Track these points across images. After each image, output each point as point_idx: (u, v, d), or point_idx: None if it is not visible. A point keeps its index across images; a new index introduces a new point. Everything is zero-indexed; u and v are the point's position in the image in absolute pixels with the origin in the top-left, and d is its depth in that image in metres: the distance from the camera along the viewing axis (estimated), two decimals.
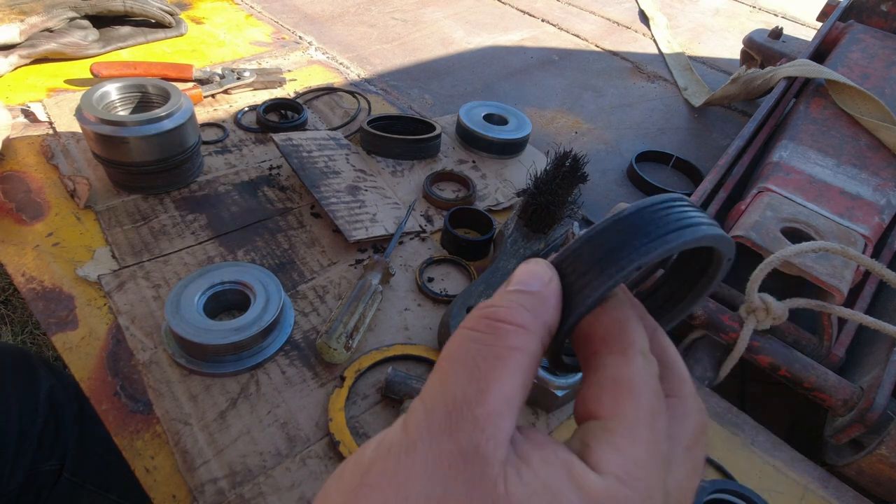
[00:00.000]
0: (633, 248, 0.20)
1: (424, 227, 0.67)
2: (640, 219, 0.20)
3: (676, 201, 0.21)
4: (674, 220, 0.20)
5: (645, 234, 0.20)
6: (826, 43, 0.96)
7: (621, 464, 0.17)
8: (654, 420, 0.18)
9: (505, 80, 1.06)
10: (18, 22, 0.78)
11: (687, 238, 0.20)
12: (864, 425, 0.48)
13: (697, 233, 0.20)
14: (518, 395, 0.18)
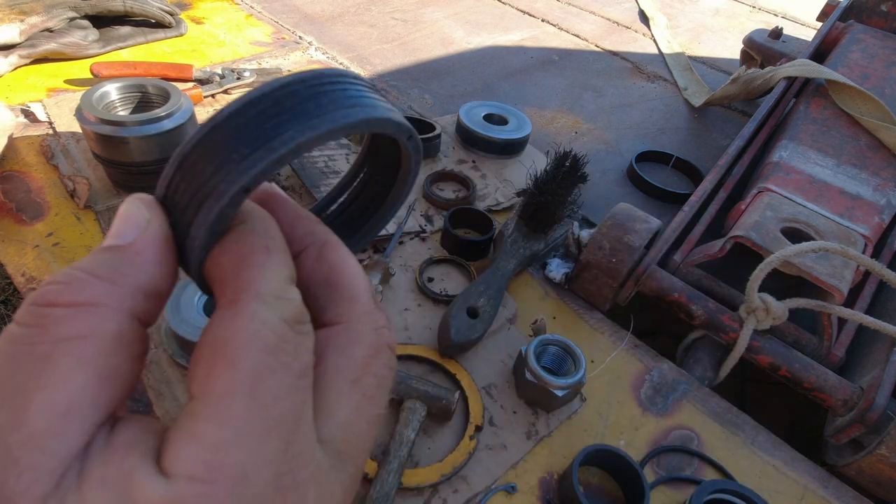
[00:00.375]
0: (243, 156, 0.15)
1: (424, 227, 0.67)
2: (255, 114, 0.16)
3: (309, 79, 0.16)
4: (304, 108, 0.16)
5: (254, 139, 0.15)
6: (826, 43, 0.96)
7: (197, 457, 0.14)
8: (257, 383, 0.14)
9: (505, 80, 1.06)
10: (18, 22, 0.78)
11: (307, 137, 0.15)
12: (864, 425, 0.48)
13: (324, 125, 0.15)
14: (86, 397, 0.14)
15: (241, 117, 0.16)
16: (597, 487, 0.46)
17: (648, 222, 0.58)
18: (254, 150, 0.15)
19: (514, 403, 0.50)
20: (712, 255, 0.58)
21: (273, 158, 0.15)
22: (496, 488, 0.44)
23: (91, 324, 0.14)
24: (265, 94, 0.16)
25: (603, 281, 0.57)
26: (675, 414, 0.52)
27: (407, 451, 0.44)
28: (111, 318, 0.15)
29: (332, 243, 0.20)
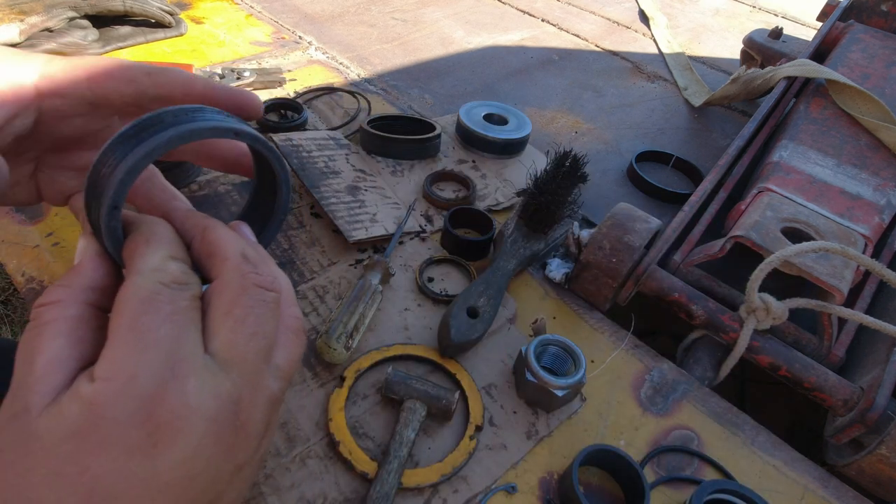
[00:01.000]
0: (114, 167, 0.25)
1: (424, 227, 0.67)
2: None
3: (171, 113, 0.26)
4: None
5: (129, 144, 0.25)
6: (826, 43, 0.96)
7: (104, 368, 0.22)
8: (134, 320, 0.23)
9: (505, 80, 1.06)
10: (18, 22, 0.78)
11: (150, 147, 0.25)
12: (865, 425, 0.48)
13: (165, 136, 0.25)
14: (66, 352, 0.23)
15: (129, 131, 0.25)
16: (597, 487, 0.46)
17: (648, 222, 0.58)
18: (128, 151, 0.25)
19: (514, 403, 0.50)
20: (712, 255, 0.58)
21: (141, 154, 0.24)
22: (496, 488, 0.44)
23: (57, 312, 0.24)
24: (142, 119, 0.25)
25: (603, 281, 0.57)
26: (675, 414, 0.52)
27: (407, 451, 0.44)
28: (70, 307, 0.25)
29: (210, 227, 0.28)
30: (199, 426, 0.22)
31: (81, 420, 0.21)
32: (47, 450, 0.21)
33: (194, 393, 0.22)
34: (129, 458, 0.21)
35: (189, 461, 0.22)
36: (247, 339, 0.25)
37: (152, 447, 0.21)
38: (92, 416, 0.21)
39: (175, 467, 0.22)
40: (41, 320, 0.24)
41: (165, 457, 0.21)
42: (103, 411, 0.21)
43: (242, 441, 0.25)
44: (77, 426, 0.21)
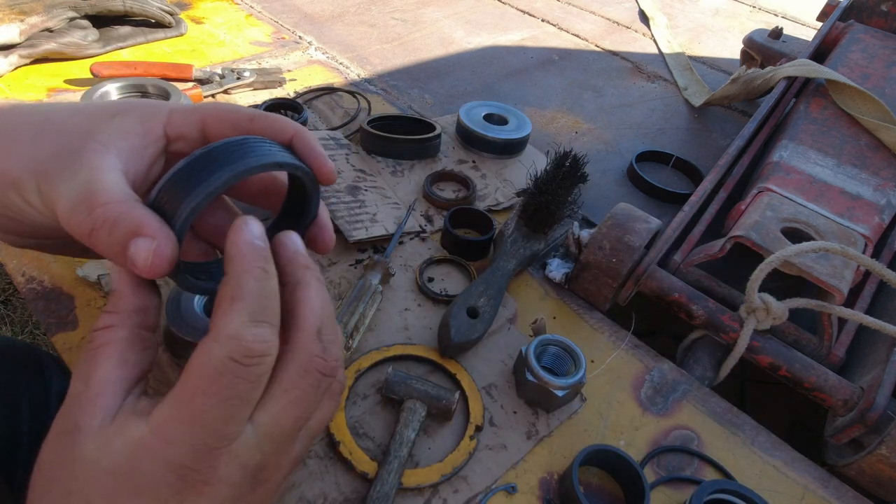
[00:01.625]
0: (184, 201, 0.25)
1: (424, 227, 0.67)
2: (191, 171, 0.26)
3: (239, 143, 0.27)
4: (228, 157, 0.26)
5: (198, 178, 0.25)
6: (826, 43, 0.96)
7: (154, 422, 0.24)
8: (193, 398, 0.24)
9: (505, 80, 1.06)
10: (18, 22, 0.78)
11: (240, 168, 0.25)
12: (865, 425, 0.48)
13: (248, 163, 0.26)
14: (116, 374, 0.25)
15: (191, 164, 0.26)
16: (597, 487, 0.46)
17: (648, 222, 0.58)
18: (198, 184, 0.25)
19: (514, 403, 0.50)
20: (712, 255, 0.58)
21: (209, 191, 0.25)
22: (496, 488, 0.44)
23: (109, 336, 0.26)
24: (204, 152, 0.26)
25: (603, 281, 0.57)
26: (675, 414, 0.52)
27: (407, 451, 0.44)
28: (120, 331, 0.26)
29: (302, 283, 0.28)
30: (223, 490, 0.25)
31: (124, 461, 0.24)
32: (88, 479, 0.24)
33: (224, 465, 0.24)
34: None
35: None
36: (293, 420, 0.26)
37: (178, 503, 0.24)
38: (133, 462, 0.24)
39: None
40: (96, 343, 0.26)
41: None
42: (141, 463, 0.24)
43: (261, 495, 0.27)
44: (119, 465, 0.24)
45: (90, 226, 0.25)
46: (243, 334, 0.24)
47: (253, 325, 0.24)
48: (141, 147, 0.29)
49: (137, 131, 0.30)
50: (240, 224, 0.26)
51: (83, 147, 0.28)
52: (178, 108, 0.32)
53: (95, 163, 0.27)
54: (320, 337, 0.27)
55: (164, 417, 0.24)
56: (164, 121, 0.31)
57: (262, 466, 0.26)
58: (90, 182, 0.26)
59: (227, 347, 0.24)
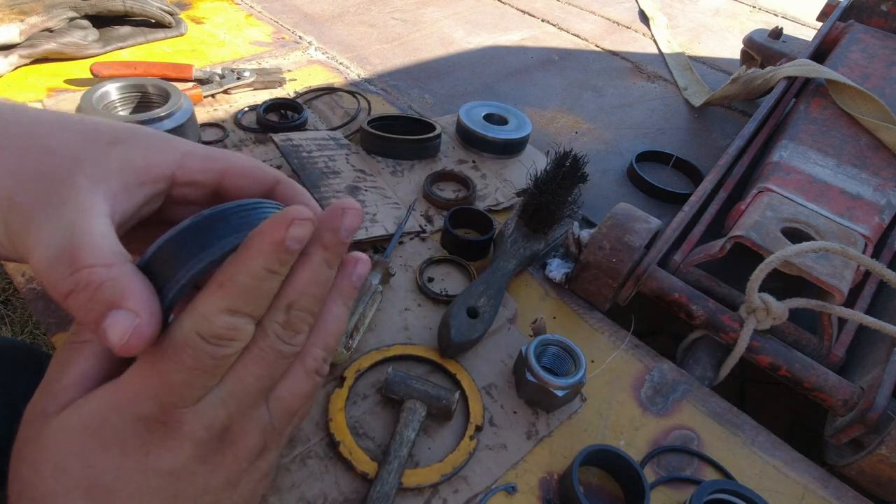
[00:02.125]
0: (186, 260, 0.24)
1: (424, 227, 0.67)
2: (209, 224, 0.24)
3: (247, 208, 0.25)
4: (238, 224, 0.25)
5: (204, 241, 0.24)
6: (826, 43, 0.96)
7: (121, 379, 0.25)
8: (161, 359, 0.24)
9: (505, 80, 1.06)
10: (18, 22, 0.78)
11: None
12: (865, 425, 0.48)
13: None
14: (92, 371, 0.26)
15: (191, 231, 0.24)
16: (597, 487, 0.46)
17: (648, 222, 0.58)
18: (199, 252, 0.24)
19: (514, 403, 0.50)
20: (712, 255, 0.58)
21: (215, 258, 0.24)
22: (496, 488, 0.44)
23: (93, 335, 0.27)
24: (216, 212, 0.25)
25: (603, 281, 0.57)
26: (675, 414, 0.52)
27: (407, 451, 0.44)
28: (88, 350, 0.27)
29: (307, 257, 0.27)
30: (187, 448, 0.25)
31: (92, 419, 0.24)
32: (57, 446, 0.24)
33: (189, 422, 0.25)
34: (125, 459, 0.24)
35: (176, 473, 0.25)
36: (254, 377, 0.26)
37: (144, 454, 0.24)
38: (101, 417, 0.24)
39: (163, 475, 0.25)
40: (79, 338, 0.26)
41: (155, 465, 0.25)
42: (110, 417, 0.24)
43: (230, 461, 0.27)
44: (87, 424, 0.24)
45: (70, 287, 0.23)
46: (214, 318, 0.24)
47: (227, 314, 0.24)
48: (135, 184, 0.27)
49: (138, 166, 0.27)
50: (285, 220, 0.24)
51: (70, 180, 0.25)
52: (196, 151, 0.29)
53: (82, 204, 0.24)
54: (289, 309, 0.27)
55: (132, 375, 0.25)
56: (174, 162, 0.28)
57: (226, 427, 0.26)
58: (74, 233, 0.23)
59: (195, 322, 0.24)
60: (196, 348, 0.24)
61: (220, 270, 0.24)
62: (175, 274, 0.24)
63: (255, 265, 0.24)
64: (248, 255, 0.24)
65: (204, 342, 0.24)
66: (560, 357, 0.51)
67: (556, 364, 0.51)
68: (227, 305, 0.24)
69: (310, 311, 0.27)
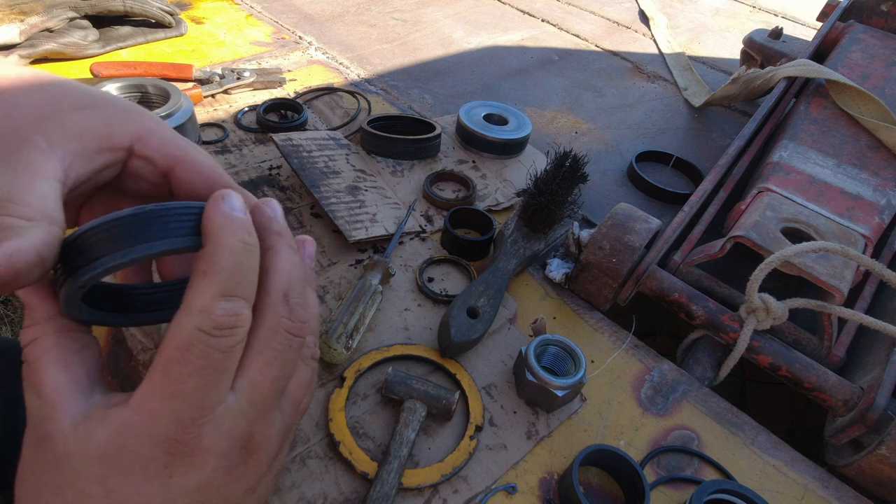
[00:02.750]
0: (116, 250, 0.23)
1: (424, 227, 0.67)
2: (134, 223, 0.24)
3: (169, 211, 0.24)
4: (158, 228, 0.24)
5: (131, 238, 0.23)
6: (826, 43, 0.96)
7: (136, 400, 0.24)
8: (167, 367, 0.24)
9: (505, 80, 1.06)
10: (18, 22, 0.78)
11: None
12: (865, 425, 0.48)
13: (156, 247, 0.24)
14: (64, 379, 0.25)
15: (113, 228, 0.24)
16: (597, 487, 0.46)
17: (648, 222, 0.58)
18: (119, 248, 0.23)
19: (514, 403, 0.50)
20: (712, 255, 0.58)
21: (137, 257, 0.24)
22: (496, 488, 0.44)
23: (38, 348, 0.26)
24: (158, 209, 0.24)
25: (603, 281, 0.57)
26: (676, 414, 0.52)
27: (407, 451, 0.44)
28: (46, 340, 0.26)
29: (273, 249, 0.27)
30: (211, 461, 0.25)
31: (110, 444, 0.24)
32: (77, 471, 0.24)
33: (209, 434, 0.25)
34: (148, 484, 0.24)
35: (202, 488, 0.25)
36: (271, 381, 0.27)
37: (168, 477, 0.24)
38: (119, 442, 0.24)
39: (188, 493, 0.25)
40: (28, 360, 0.26)
41: (179, 484, 0.24)
42: (127, 441, 0.24)
43: (252, 468, 0.27)
44: (104, 450, 0.24)
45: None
46: (212, 308, 0.24)
47: (223, 300, 0.24)
48: (94, 150, 0.27)
49: (98, 132, 0.28)
50: (218, 197, 0.25)
51: (28, 137, 0.25)
52: (159, 131, 0.30)
53: (32, 163, 0.25)
54: (287, 300, 0.27)
55: (145, 393, 0.24)
56: (136, 134, 0.29)
57: (249, 435, 0.26)
58: (12, 188, 0.24)
59: (196, 320, 0.24)
60: (202, 344, 0.24)
61: (197, 261, 0.25)
62: (97, 259, 0.24)
63: (230, 241, 0.25)
64: (218, 236, 0.25)
65: (208, 336, 0.24)
66: (560, 357, 0.51)
67: (556, 364, 0.51)
68: (219, 291, 0.24)
69: (304, 297, 0.28)
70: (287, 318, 0.27)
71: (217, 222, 0.25)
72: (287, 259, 0.28)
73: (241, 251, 0.25)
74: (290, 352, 0.27)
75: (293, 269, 0.28)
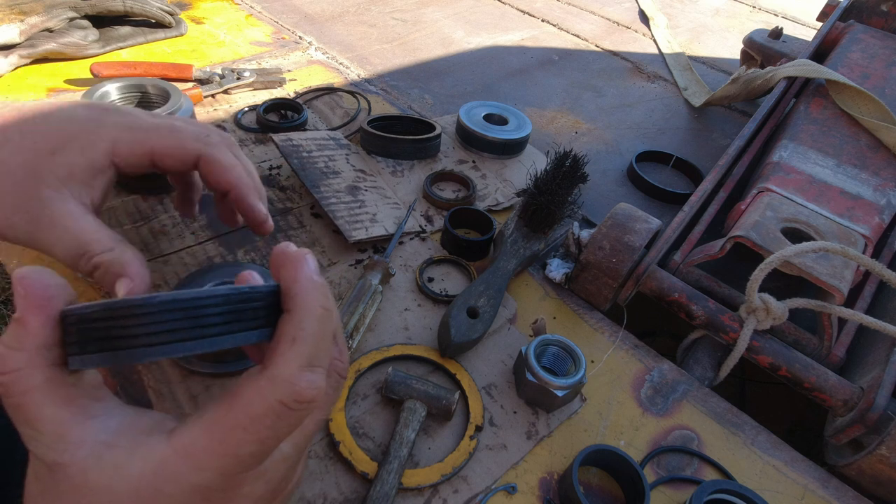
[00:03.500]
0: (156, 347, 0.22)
1: (424, 227, 0.67)
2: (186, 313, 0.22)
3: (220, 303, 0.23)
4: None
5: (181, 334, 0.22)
6: (826, 43, 0.96)
7: (184, 439, 0.23)
8: (230, 433, 0.23)
9: (505, 80, 1.06)
10: (18, 22, 0.78)
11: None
12: (865, 425, 0.48)
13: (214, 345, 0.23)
14: (65, 415, 0.23)
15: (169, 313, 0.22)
16: (597, 487, 0.46)
17: (648, 222, 0.58)
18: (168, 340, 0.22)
19: (514, 403, 0.50)
20: (712, 255, 0.58)
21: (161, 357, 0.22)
22: (496, 488, 0.44)
23: (25, 384, 0.22)
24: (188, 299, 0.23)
25: (603, 281, 0.57)
26: (676, 414, 0.52)
27: (407, 451, 0.44)
28: (34, 375, 0.22)
29: None
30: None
31: (145, 483, 0.22)
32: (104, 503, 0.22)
33: (249, 483, 0.24)
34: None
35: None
36: (317, 424, 0.27)
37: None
38: (156, 483, 0.22)
39: None
40: (13, 394, 0.23)
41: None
42: (165, 485, 0.22)
43: (280, 497, 0.28)
44: (140, 487, 0.22)
45: (91, 269, 0.33)
46: (298, 380, 0.23)
47: (308, 371, 0.23)
48: (89, 180, 0.33)
49: (81, 165, 0.32)
50: (300, 258, 0.25)
51: (38, 195, 0.31)
52: (123, 137, 0.34)
53: (65, 212, 0.32)
54: (336, 340, 0.27)
55: (195, 443, 0.23)
56: (107, 150, 0.33)
57: (286, 477, 0.26)
58: (77, 235, 0.32)
59: (280, 391, 0.23)
60: (276, 416, 0.23)
61: (286, 326, 0.24)
62: (92, 354, 0.22)
63: (316, 308, 0.24)
64: (306, 302, 0.24)
65: (288, 410, 0.23)
66: (560, 357, 0.51)
67: (556, 364, 0.51)
68: (306, 360, 0.23)
69: (342, 332, 0.29)
70: (339, 360, 0.27)
71: (303, 285, 0.24)
72: (330, 303, 0.27)
73: (325, 318, 0.24)
74: (337, 392, 0.27)
75: (335, 310, 0.27)
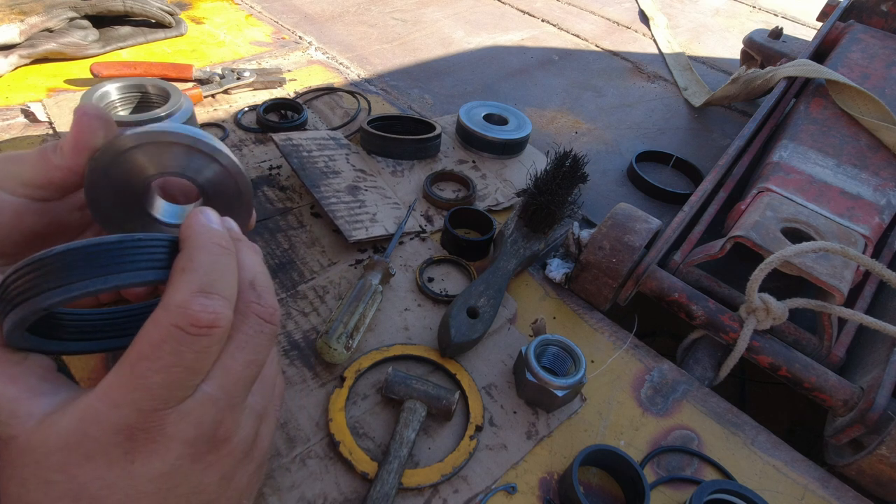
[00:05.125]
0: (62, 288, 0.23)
1: (424, 227, 0.67)
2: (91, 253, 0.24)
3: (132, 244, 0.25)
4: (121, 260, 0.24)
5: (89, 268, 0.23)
6: (826, 43, 0.96)
7: (100, 389, 0.24)
8: (136, 363, 0.24)
9: (505, 80, 1.06)
10: (18, 22, 0.78)
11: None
12: (865, 425, 0.48)
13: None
14: (19, 388, 0.25)
15: (70, 256, 0.23)
16: (597, 487, 0.46)
17: (648, 222, 0.58)
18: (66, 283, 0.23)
19: (514, 403, 0.50)
20: (712, 255, 0.58)
21: (69, 297, 0.23)
22: (496, 488, 0.44)
23: None
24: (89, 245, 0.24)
25: (603, 281, 0.57)
26: (676, 414, 0.52)
27: (407, 451, 0.44)
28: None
29: (241, 250, 0.29)
30: (175, 449, 0.25)
31: (72, 432, 0.24)
32: (39, 461, 0.24)
33: (173, 423, 0.24)
34: (110, 469, 0.24)
35: (166, 475, 0.25)
36: (242, 367, 0.27)
37: (129, 462, 0.24)
38: (81, 429, 0.24)
39: (152, 479, 0.25)
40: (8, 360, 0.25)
41: (142, 471, 0.24)
42: (89, 428, 0.24)
43: (225, 456, 0.27)
44: (67, 438, 0.24)
45: None
46: (190, 303, 0.24)
47: (202, 296, 0.24)
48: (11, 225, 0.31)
49: None
50: (196, 212, 0.27)
51: None
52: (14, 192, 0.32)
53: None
54: (254, 286, 0.28)
55: (109, 383, 0.24)
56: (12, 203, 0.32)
57: (218, 422, 0.26)
58: None
59: (173, 315, 0.24)
60: (175, 342, 0.23)
61: (178, 262, 0.25)
62: (19, 304, 0.24)
63: (208, 243, 0.26)
64: (196, 239, 0.26)
65: (183, 333, 0.24)
66: (560, 357, 0.51)
67: (556, 364, 0.51)
68: (197, 286, 0.24)
69: (270, 286, 0.29)
70: (256, 303, 0.27)
71: (195, 229, 0.26)
72: (248, 256, 0.29)
73: (219, 252, 0.26)
74: (261, 337, 0.27)
75: (255, 264, 0.29)
